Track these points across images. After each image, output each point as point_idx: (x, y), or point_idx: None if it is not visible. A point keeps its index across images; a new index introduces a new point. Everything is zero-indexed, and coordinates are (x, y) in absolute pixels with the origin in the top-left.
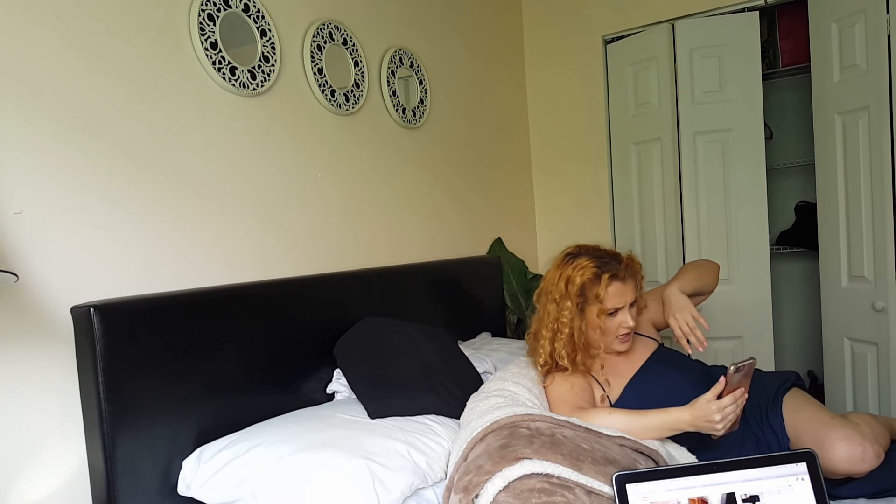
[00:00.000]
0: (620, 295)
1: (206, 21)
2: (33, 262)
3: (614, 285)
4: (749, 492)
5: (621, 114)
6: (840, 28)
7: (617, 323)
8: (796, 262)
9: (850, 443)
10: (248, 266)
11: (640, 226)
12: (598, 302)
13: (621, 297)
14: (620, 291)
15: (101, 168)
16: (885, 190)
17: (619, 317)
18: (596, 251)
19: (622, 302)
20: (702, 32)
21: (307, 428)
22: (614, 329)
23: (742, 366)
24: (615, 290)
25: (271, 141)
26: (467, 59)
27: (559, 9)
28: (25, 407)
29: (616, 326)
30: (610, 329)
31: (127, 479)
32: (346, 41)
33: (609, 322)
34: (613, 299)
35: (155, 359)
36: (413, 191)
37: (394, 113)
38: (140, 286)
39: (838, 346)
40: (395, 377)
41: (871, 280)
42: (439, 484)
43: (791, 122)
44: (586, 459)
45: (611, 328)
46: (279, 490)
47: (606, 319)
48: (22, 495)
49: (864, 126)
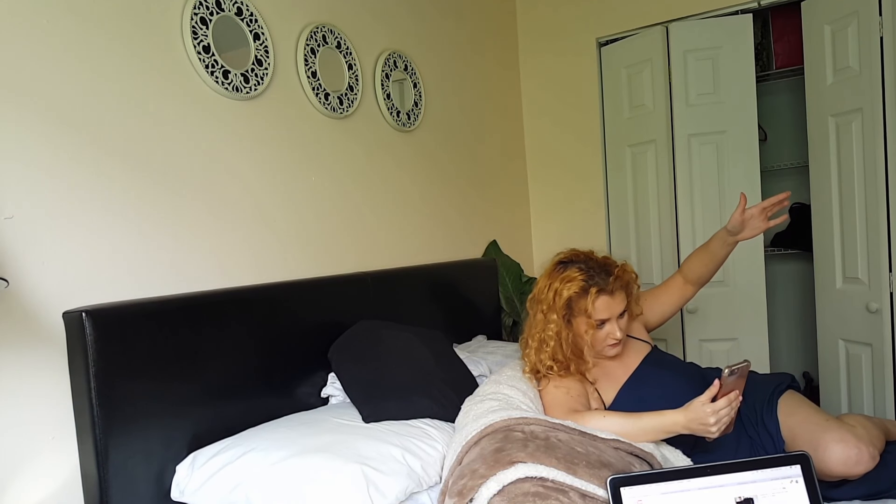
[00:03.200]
0: (607, 308)
1: (198, 24)
2: (24, 267)
3: (601, 300)
4: (743, 494)
5: (616, 116)
6: (833, 30)
7: (605, 334)
8: (791, 263)
9: (845, 445)
10: (242, 270)
11: (635, 227)
12: (585, 315)
13: (608, 310)
14: (607, 305)
15: (94, 172)
16: (878, 191)
17: (606, 328)
18: (588, 260)
19: (608, 314)
20: (696, 35)
21: (302, 432)
22: (602, 339)
23: (736, 368)
24: (602, 305)
25: (265, 144)
26: (462, 62)
27: (554, 12)
28: (17, 413)
29: (604, 337)
30: (598, 340)
31: (120, 484)
32: (340, 44)
33: (596, 334)
34: (600, 313)
35: (148, 364)
36: (408, 194)
37: (388, 116)
38: (133, 291)
39: (833, 348)
40: (390, 381)
41: (866, 281)
42: (434, 488)
43: (785, 124)
44: (581, 463)
45: (598, 339)
46: (273, 495)
47: (593, 332)
48: (14, 501)
49: (857, 128)
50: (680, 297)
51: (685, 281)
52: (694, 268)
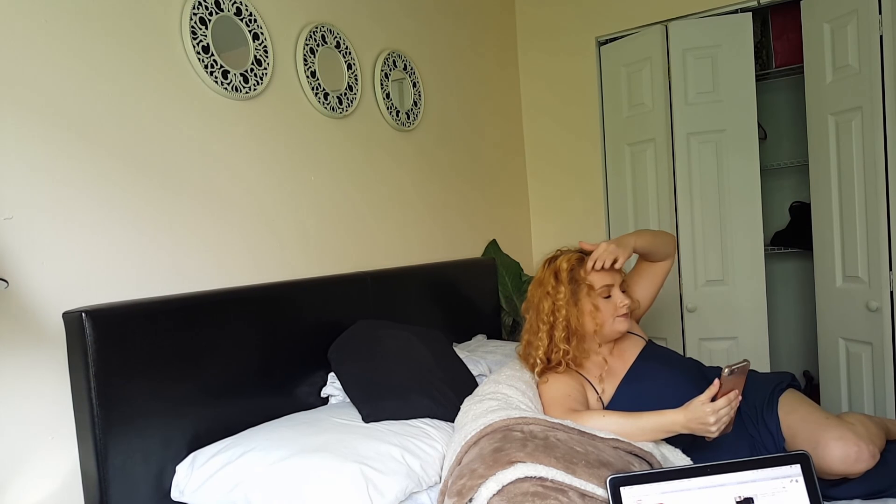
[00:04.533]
0: (607, 274)
1: (197, 24)
2: (24, 267)
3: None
4: (743, 494)
5: (615, 115)
6: (832, 28)
7: (613, 304)
8: (791, 262)
9: (846, 443)
10: (242, 270)
11: (634, 226)
12: (587, 284)
13: (609, 275)
14: (606, 272)
15: (93, 172)
16: (878, 190)
17: (614, 296)
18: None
19: (611, 280)
20: (695, 33)
21: (301, 432)
22: (612, 310)
23: (736, 368)
24: (601, 272)
25: (264, 144)
26: (461, 62)
27: (553, 11)
28: (17, 413)
29: (613, 307)
30: (608, 310)
31: (120, 484)
32: (340, 44)
33: (605, 304)
34: (603, 278)
35: (147, 364)
36: (407, 193)
37: (387, 115)
38: (133, 291)
39: (833, 347)
40: (390, 380)
41: (866, 280)
42: (434, 488)
43: (785, 123)
44: (580, 462)
45: (608, 309)
46: (273, 494)
47: (602, 302)
48: (14, 501)
49: (857, 126)
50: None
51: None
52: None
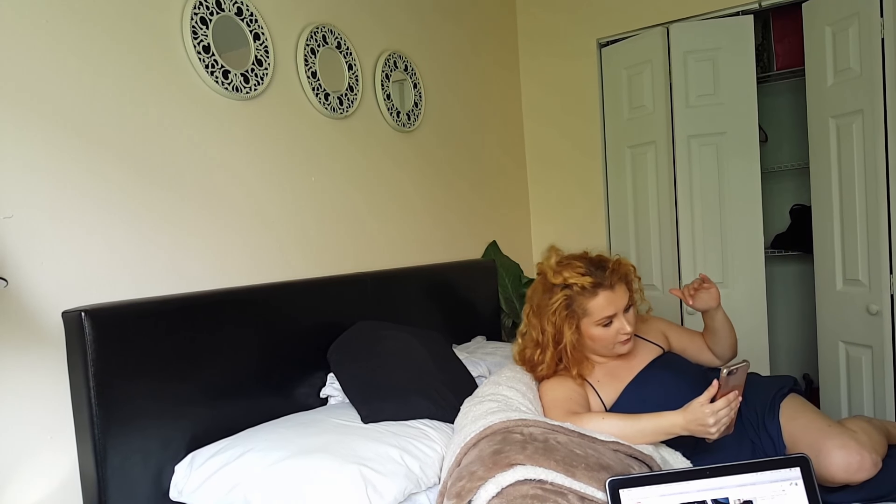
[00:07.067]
0: (611, 303)
1: (198, 24)
2: (23, 266)
3: (603, 295)
4: (743, 497)
5: (616, 117)
6: (834, 31)
7: (614, 331)
8: (791, 265)
9: (848, 451)
10: (242, 270)
11: (634, 228)
12: (588, 315)
13: (612, 305)
14: (610, 300)
15: (93, 172)
16: (879, 193)
17: (615, 324)
18: (581, 258)
19: (613, 310)
20: (696, 36)
21: (300, 433)
22: (612, 338)
23: (735, 369)
24: (605, 300)
25: (265, 145)
26: (462, 63)
27: (554, 13)
28: (16, 412)
29: (614, 334)
30: (608, 338)
31: (118, 484)
32: (340, 44)
33: (605, 332)
34: (604, 310)
35: (147, 363)
36: (407, 194)
37: (388, 116)
38: (132, 290)
39: (833, 350)
40: (389, 381)
41: (866, 283)
42: (433, 489)
43: (786, 126)
44: (580, 465)
45: (609, 338)
46: (272, 495)
47: (602, 330)
48: (13, 501)
49: (858, 129)
50: (696, 345)
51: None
52: (713, 346)
